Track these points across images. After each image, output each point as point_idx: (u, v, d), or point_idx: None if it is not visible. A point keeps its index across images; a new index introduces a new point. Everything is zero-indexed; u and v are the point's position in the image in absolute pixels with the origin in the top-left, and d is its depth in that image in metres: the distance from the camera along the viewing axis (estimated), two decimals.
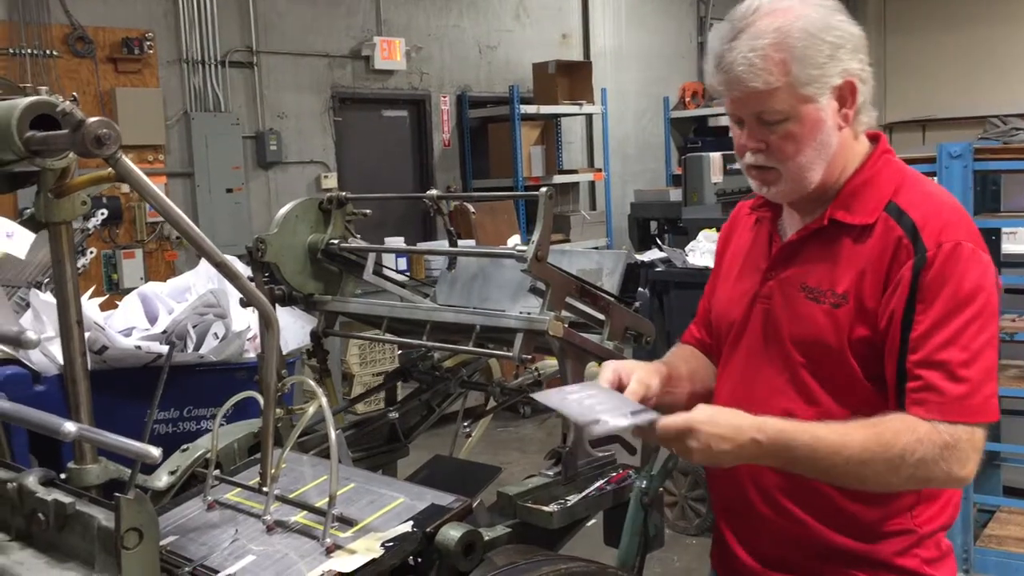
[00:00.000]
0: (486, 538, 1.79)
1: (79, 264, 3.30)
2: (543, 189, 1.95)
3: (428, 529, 1.75)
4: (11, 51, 6.59)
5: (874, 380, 1.63)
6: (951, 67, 12.26)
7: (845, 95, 1.63)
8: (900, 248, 1.59)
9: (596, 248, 8.49)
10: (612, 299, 2.13)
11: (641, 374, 1.69)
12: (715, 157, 8.12)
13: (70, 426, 1.44)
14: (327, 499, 1.78)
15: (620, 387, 1.66)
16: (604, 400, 1.59)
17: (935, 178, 4.02)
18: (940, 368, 1.54)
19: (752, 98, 1.61)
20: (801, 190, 1.67)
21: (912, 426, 1.54)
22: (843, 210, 1.67)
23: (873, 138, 1.74)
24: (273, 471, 1.87)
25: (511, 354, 2.04)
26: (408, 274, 4.37)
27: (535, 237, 1.94)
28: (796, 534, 1.72)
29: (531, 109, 9.05)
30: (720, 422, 1.54)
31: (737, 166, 1.78)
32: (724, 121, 10.51)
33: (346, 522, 1.80)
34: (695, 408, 1.57)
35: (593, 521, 2.10)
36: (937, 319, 1.55)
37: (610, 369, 1.70)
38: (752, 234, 1.86)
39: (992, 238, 4.18)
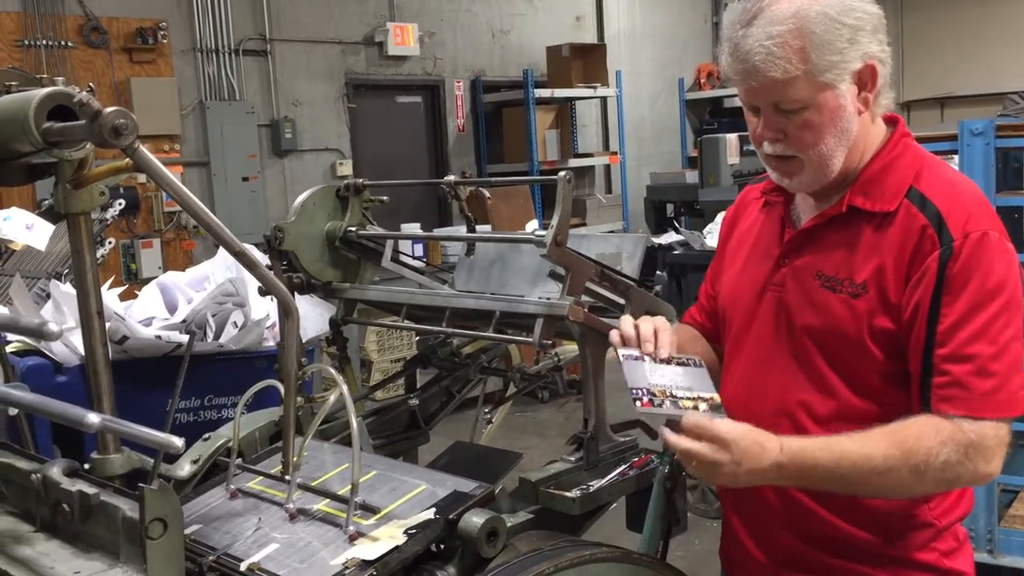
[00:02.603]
0: (509, 524, 1.78)
1: (98, 254, 3.31)
2: (562, 173, 1.93)
3: (451, 516, 1.75)
4: (26, 42, 6.61)
5: (893, 371, 1.59)
6: (969, 44, 12.12)
7: (865, 79, 1.58)
8: (924, 238, 1.54)
9: (612, 232, 8.47)
10: (632, 283, 2.11)
11: (667, 336, 1.65)
12: (731, 138, 8.06)
13: (93, 417, 1.44)
14: (349, 487, 1.78)
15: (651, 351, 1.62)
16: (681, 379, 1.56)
17: (956, 156, 3.98)
18: (969, 362, 1.50)
19: (770, 87, 1.56)
20: (824, 179, 1.62)
21: (935, 428, 1.50)
22: (862, 196, 1.62)
23: (890, 121, 1.69)
24: (295, 459, 1.87)
25: (531, 340, 2.03)
26: (425, 260, 4.37)
27: (554, 221, 1.92)
28: (809, 529, 1.68)
29: (545, 93, 9.01)
30: (746, 444, 1.46)
31: (754, 147, 1.74)
32: (740, 102, 10.39)
33: (369, 509, 1.79)
34: (722, 421, 1.49)
35: (615, 506, 2.09)
36: (965, 312, 1.50)
37: (649, 323, 1.65)
38: (761, 218, 1.81)
39: (1015, 216, 4.13)
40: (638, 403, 1.52)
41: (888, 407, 1.58)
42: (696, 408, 1.52)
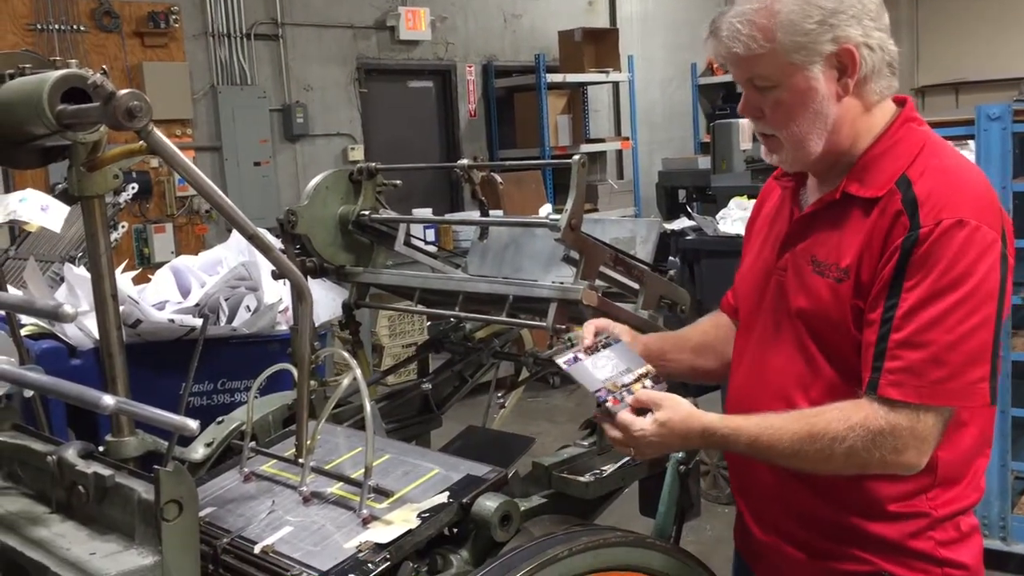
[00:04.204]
0: (522, 508, 1.78)
1: (111, 238, 3.32)
2: (576, 157, 1.92)
3: (464, 500, 1.75)
4: (38, 26, 6.61)
5: None
6: (984, 30, 12.00)
7: (845, 63, 1.57)
8: (897, 223, 1.54)
9: (626, 217, 8.44)
10: (646, 268, 2.11)
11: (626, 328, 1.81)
12: (744, 124, 7.99)
13: (108, 399, 1.45)
14: (362, 470, 1.79)
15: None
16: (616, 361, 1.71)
17: (972, 142, 3.94)
18: (923, 349, 1.49)
19: (741, 63, 1.61)
20: (803, 159, 1.65)
21: (846, 415, 1.53)
22: (856, 183, 1.62)
23: (899, 103, 1.68)
24: (308, 443, 1.87)
25: (544, 324, 2.03)
26: (437, 245, 4.36)
27: (568, 205, 1.91)
28: (802, 510, 1.70)
29: (557, 78, 8.96)
30: (672, 426, 1.59)
31: None
32: None
33: (382, 493, 1.80)
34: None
35: (628, 491, 2.09)
36: (924, 299, 1.49)
37: (592, 325, 1.79)
38: (779, 206, 1.82)
39: None
40: (608, 403, 1.63)
41: None
42: (644, 386, 1.67)
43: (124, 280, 3.39)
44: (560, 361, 1.71)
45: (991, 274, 1.50)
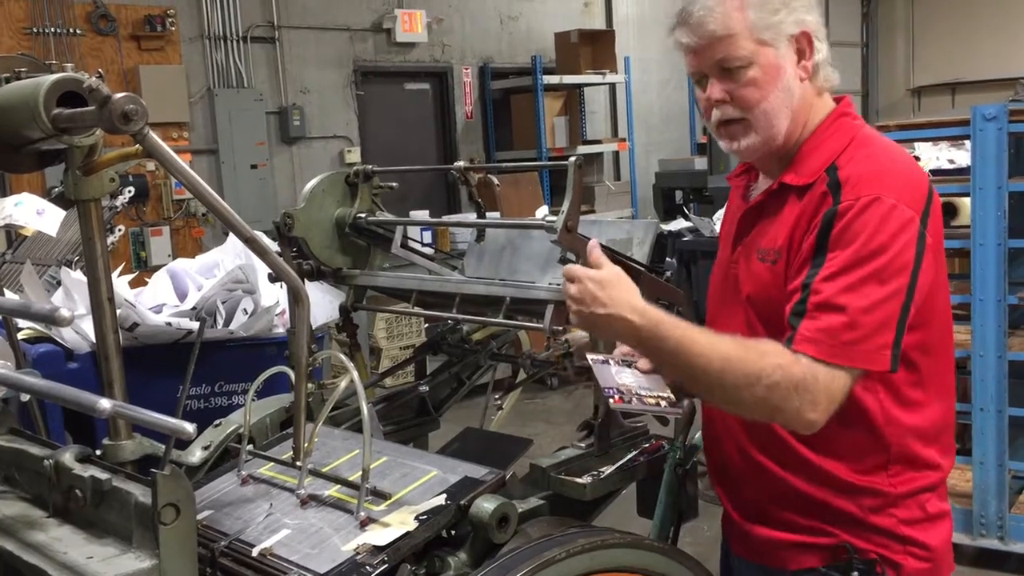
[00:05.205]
0: (520, 510, 1.78)
1: (108, 242, 3.32)
2: (572, 158, 1.92)
3: (462, 502, 1.75)
4: (34, 30, 6.61)
5: None
6: (979, 30, 12.03)
7: (803, 47, 1.69)
8: (823, 203, 1.62)
9: (622, 219, 8.44)
10: (643, 269, 2.10)
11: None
12: None
13: (105, 403, 1.44)
14: (360, 473, 1.79)
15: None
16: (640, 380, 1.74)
17: (967, 142, 3.95)
18: (839, 312, 1.55)
19: (713, 45, 1.66)
20: (771, 140, 1.71)
21: (779, 352, 1.57)
22: (792, 173, 1.71)
23: (836, 101, 1.77)
24: (306, 445, 1.87)
25: (541, 326, 2.02)
26: (434, 247, 4.36)
27: (565, 207, 1.91)
28: (765, 484, 1.76)
29: (554, 79, 8.98)
30: (607, 283, 1.63)
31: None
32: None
33: (380, 495, 1.80)
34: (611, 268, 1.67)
35: (625, 493, 2.09)
36: (843, 267, 1.57)
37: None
38: (735, 203, 1.92)
39: None
40: (611, 400, 1.69)
41: None
42: (658, 404, 1.70)
43: (121, 283, 3.39)
44: (591, 356, 1.78)
45: (907, 249, 1.58)
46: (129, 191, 4.39)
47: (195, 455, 2.20)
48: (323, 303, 3.11)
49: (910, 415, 1.69)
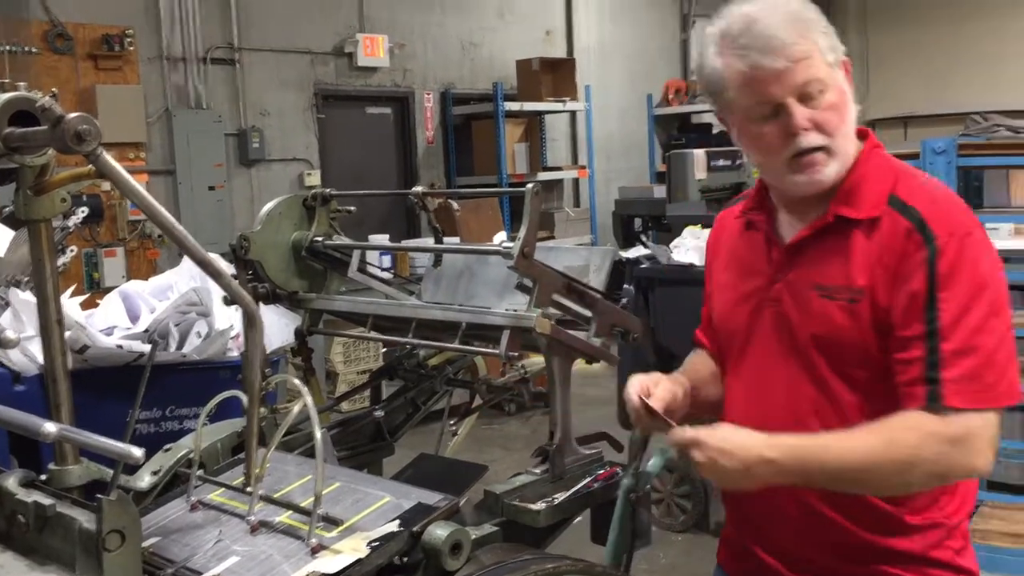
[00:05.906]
0: (473, 537, 1.77)
1: (59, 262, 3.27)
2: (530, 185, 1.94)
3: (415, 528, 1.73)
4: None
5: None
6: (932, 64, 12.31)
7: (845, 72, 1.64)
8: (910, 240, 1.57)
9: (580, 245, 8.49)
10: (599, 296, 2.12)
11: (667, 384, 1.74)
12: (699, 154, 8.10)
13: (51, 427, 1.42)
14: (312, 499, 1.77)
15: (647, 395, 1.70)
16: None
17: None
18: (977, 355, 1.52)
19: (795, 69, 1.56)
20: (842, 167, 1.64)
21: (918, 423, 1.52)
22: (845, 206, 1.64)
23: (861, 134, 1.71)
24: (257, 471, 1.85)
25: (498, 352, 2.03)
26: (393, 271, 4.35)
27: (521, 234, 1.92)
28: (824, 534, 1.69)
29: (515, 106, 9.03)
30: (729, 438, 1.55)
31: (721, 163, 1.78)
32: (708, 118, 10.50)
33: (331, 522, 1.78)
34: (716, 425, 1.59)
35: (580, 519, 2.09)
36: (963, 307, 1.53)
37: (637, 381, 1.72)
38: (745, 240, 1.82)
39: None
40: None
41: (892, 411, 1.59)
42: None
43: (72, 305, 3.34)
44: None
45: (1003, 277, 1.57)
46: (83, 211, 4.33)
47: (144, 480, 2.17)
48: (279, 326, 3.09)
49: None
